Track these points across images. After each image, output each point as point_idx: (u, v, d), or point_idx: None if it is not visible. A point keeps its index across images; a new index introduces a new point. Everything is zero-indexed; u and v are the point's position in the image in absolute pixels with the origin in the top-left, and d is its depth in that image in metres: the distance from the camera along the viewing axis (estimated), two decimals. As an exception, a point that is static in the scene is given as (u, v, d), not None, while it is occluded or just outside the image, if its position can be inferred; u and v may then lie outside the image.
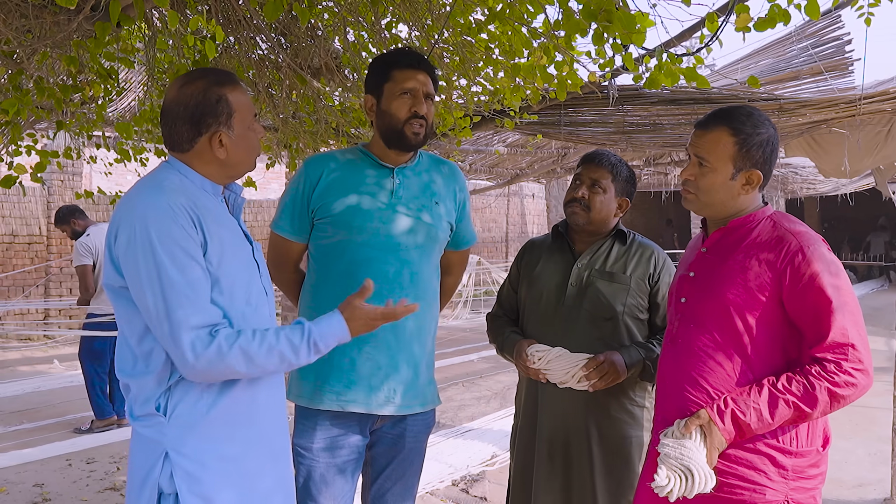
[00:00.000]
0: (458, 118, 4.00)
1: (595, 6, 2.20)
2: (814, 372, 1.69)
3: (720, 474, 1.77)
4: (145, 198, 1.63)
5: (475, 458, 4.87)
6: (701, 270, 1.90)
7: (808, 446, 1.79)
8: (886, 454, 3.95)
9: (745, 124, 1.82)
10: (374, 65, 2.24)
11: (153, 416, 1.63)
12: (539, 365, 2.32)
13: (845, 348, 1.68)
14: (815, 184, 13.40)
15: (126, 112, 6.05)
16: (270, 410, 1.78)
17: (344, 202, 2.15)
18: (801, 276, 1.72)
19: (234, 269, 1.69)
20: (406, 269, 2.16)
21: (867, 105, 3.65)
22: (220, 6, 3.10)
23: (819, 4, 2.05)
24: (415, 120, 2.14)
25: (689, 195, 1.90)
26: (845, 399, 1.69)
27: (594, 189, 2.39)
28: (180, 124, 1.70)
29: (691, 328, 1.87)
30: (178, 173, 1.71)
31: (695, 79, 2.51)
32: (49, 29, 2.67)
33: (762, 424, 1.70)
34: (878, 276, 19.05)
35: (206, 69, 1.79)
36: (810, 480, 1.80)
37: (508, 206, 18.93)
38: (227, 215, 1.77)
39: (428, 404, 2.28)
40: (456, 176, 2.37)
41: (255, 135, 1.77)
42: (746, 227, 1.85)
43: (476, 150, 7.72)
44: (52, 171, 10.15)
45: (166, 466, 1.60)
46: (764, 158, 1.84)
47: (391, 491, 2.25)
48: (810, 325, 1.73)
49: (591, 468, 2.35)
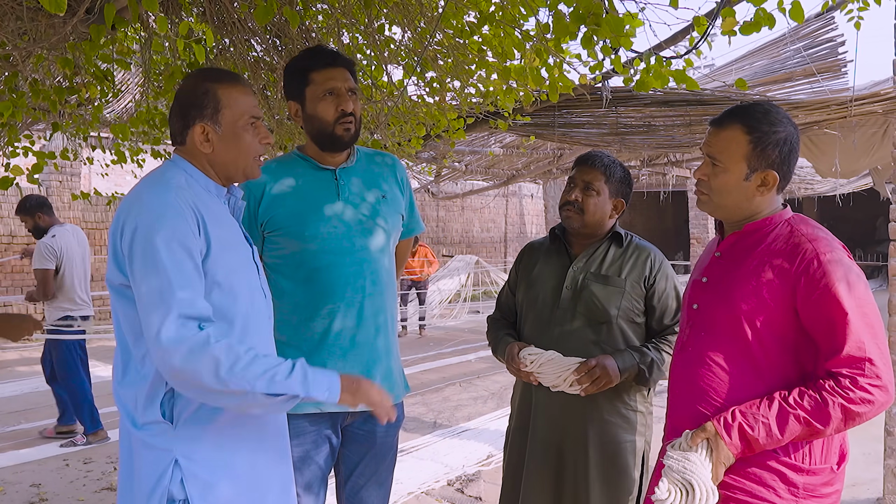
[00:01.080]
0: (452, 119, 4.02)
1: (584, 10, 2.22)
2: (827, 387, 1.58)
3: (728, 489, 1.69)
4: (152, 193, 1.63)
5: (471, 458, 4.90)
6: (714, 276, 1.81)
7: (822, 464, 1.68)
8: (880, 454, 3.96)
9: (762, 122, 1.72)
10: (291, 70, 2.19)
11: (159, 424, 1.61)
12: (531, 368, 2.31)
13: (862, 363, 1.57)
14: (812, 184, 13.43)
15: (122, 113, 6.08)
16: (273, 415, 1.79)
17: (292, 212, 2.12)
18: (816, 284, 1.61)
19: (235, 270, 1.70)
20: (366, 268, 2.16)
21: (858, 107, 3.67)
22: (215, 9, 3.12)
23: (804, 8, 2.07)
24: (344, 118, 2.12)
25: (703, 196, 1.81)
26: (861, 416, 1.58)
27: (587, 192, 2.38)
28: (173, 116, 1.74)
29: (702, 336, 1.78)
30: (184, 172, 1.71)
31: (684, 81, 2.53)
32: (44, 31, 2.69)
33: (771, 440, 1.61)
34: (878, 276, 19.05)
35: (211, 68, 1.78)
36: (822, 499, 1.68)
37: (507, 207, 18.96)
38: (228, 216, 1.77)
39: (399, 397, 2.29)
40: (396, 165, 2.35)
41: (253, 138, 1.75)
42: (762, 231, 1.75)
43: (472, 151, 7.74)
44: (49, 173, 10.17)
45: (176, 473, 1.59)
46: (781, 158, 1.72)
47: (365, 487, 2.24)
48: (825, 336, 1.62)
49: (585, 472, 2.34)
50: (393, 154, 2.50)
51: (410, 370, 8.17)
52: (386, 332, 2.24)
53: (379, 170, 2.29)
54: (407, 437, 5.44)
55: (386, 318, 2.23)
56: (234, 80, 1.75)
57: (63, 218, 10.44)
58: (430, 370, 8.13)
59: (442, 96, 3.91)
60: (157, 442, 1.61)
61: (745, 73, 5.44)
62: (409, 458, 4.89)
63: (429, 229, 16.59)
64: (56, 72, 3.41)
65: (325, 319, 2.12)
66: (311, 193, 2.16)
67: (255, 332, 1.74)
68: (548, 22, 2.50)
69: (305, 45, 3.50)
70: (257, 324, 1.74)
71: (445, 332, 11.35)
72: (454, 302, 13.12)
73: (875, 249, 18.80)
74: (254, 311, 1.73)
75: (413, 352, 9.07)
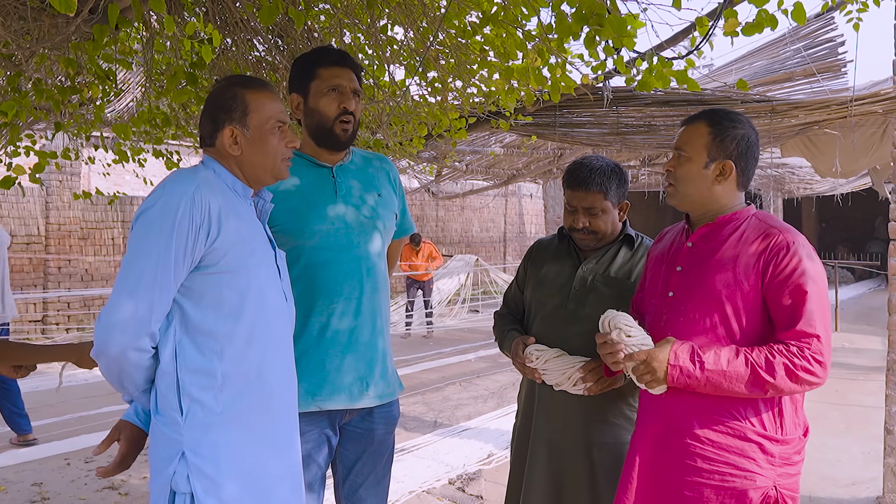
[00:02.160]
0: (454, 119, 4.03)
1: (587, 10, 2.22)
2: (776, 347, 1.78)
3: (710, 462, 1.83)
4: (175, 184, 1.69)
5: (472, 457, 4.91)
6: (688, 265, 1.96)
7: (793, 434, 1.86)
8: (880, 453, 3.98)
9: (723, 119, 1.93)
10: (299, 64, 2.22)
11: (171, 414, 1.66)
12: (536, 364, 2.29)
13: (811, 338, 1.76)
14: (811, 184, 13.45)
15: (124, 113, 6.08)
16: (284, 409, 1.82)
17: (291, 209, 2.14)
18: (784, 268, 1.80)
19: (248, 266, 1.73)
20: (362, 265, 2.18)
21: (858, 107, 3.68)
22: (218, 9, 3.13)
23: (805, 9, 2.08)
24: (344, 116, 2.15)
25: (670, 187, 1.99)
26: (799, 381, 1.75)
27: (593, 215, 2.34)
28: (204, 119, 1.83)
29: (679, 321, 1.92)
30: (213, 172, 1.79)
31: (685, 81, 2.53)
32: (47, 31, 2.70)
33: (716, 368, 1.77)
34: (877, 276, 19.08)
35: (241, 75, 1.87)
36: (794, 466, 1.87)
37: (506, 207, 18.96)
38: (253, 218, 1.83)
39: (395, 394, 2.30)
40: (390, 167, 2.38)
41: (280, 141, 1.82)
42: (734, 223, 1.92)
43: (473, 151, 7.75)
44: (50, 172, 10.17)
45: (181, 467, 1.63)
46: (738, 152, 1.91)
47: (364, 485, 2.25)
48: (785, 313, 1.80)
49: (588, 474, 2.32)
50: (395, 153, 2.51)
51: (411, 370, 8.18)
52: (383, 333, 2.27)
53: (374, 170, 2.32)
54: (408, 436, 5.45)
55: (382, 318, 2.26)
56: (262, 87, 1.84)
57: (63, 218, 10.47)
58: (431, 370, 8.15)
59: (444, 96, 3.92)
60: (169, 431, 1.66)
61: (745, 73, 5.45)
62: (410, 458, 4.91)
63: (428, 229, 16.59)
64: (59, 71, 3.42)
65: (324, 316, 2.13)
66: (310, 191, 2.17)
67: (267, 332, 1.77)
68: (550, 22, 2.51)
69: (308, 45, 3.50)
70: (272, 324, 1.78)
71: (445, 331, 11.37)
72: (454, 302, 13.14)
73: (873, 249, 18.84)
74: (268, 310, 1.77)
75: (413, 351, 9.09)
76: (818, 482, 4.48)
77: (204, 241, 1.66)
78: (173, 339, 1.67)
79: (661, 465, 1.93)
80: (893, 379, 3.82)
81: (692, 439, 1.87)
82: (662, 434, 1.93)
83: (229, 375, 1.69)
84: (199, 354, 1.67)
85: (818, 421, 5.96)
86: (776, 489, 1.83)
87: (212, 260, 1.68)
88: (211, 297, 1.69)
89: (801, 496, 4.27)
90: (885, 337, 3.96)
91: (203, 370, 1.67)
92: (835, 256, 18.14)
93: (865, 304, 14.59)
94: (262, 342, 1.76)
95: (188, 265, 1.66)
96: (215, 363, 1.68)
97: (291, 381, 1.87)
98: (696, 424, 1.86)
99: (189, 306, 1.68)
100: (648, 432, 1.98)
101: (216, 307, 1.69)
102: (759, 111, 3.97)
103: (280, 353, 1.83)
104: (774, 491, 1.82)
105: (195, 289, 1.68)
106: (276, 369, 1.80)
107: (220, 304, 1.69)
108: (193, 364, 1.67)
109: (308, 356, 2.12)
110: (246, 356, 1.72)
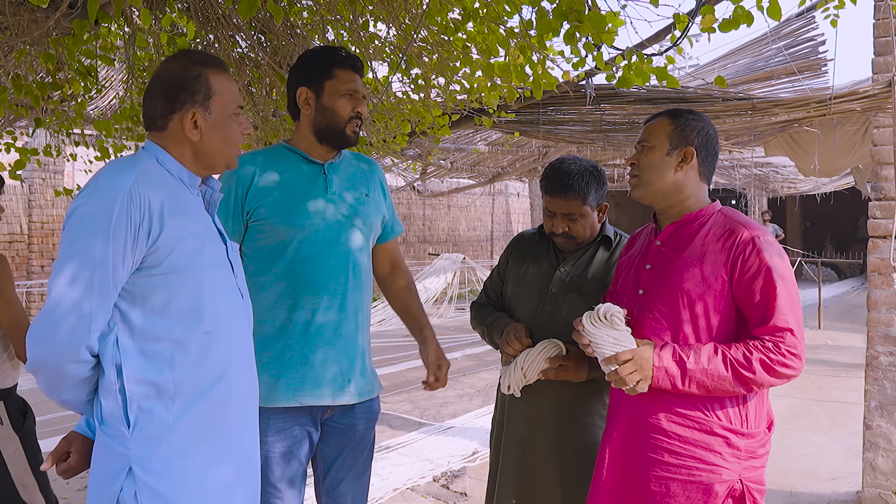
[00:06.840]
0: (437, 116, 4.03)
1: (566, 6, 2.24)
2: (752, 344, 1.80)
3: (677, 456, 1.86)
4: (110, 177, 1.54)
5: (456, 455, 4.92)
6: (658, 263, 1.98)
7: (757, 427, 1.89)
8: (860, 448, 4.02)
9: (684, 114, 2.00)
10: (313, 59, 2.23)
11: (116, 426, 1.54)
12: (519, 363, 2.23)
13: (784, 332, 1.79)
14: (795, 183, 13.57)
15: (106, 110, 6.05)
16: (242, 417, 1.71)
17: (280, 202, 2.15)
18: (752, 264, 1.83)
19: (196, 264, 1.60)
20: (348, 261, 2.21)
21: (838, 104, 3.72)
22: (199, 4, 3.12)
23: (782, 7, 2.10)
24: (355, 120, 2.23)
25: (633, 179, 2.02)
26: (776, 375, 1.79)
27: (572, 220, 2.34)
28: (156, 98, 1.65)
29: (649, 319, 1.94)
30: (156, 161, 1.63)
31: (665, 78, 2.55)
32: (26, 26, 2.68)
33: (696, 367, 1.79)
34: (860, 275, 19.25)
35: (197, 51, 1.71)
36: (759, 459, 1.90)
37: (493, 205, 18.99)
38: (201, 211, 1.69)
39: (375, 391, 2.31)
40: (377, 168, 2.44)
41: (238, 127, 1.71)
42: (699, 220, 1.95)
43: (458, 149, 7.76)
44: (32, 169, 10.08)
45: (129, 483, 1.51)
46: (700, 142, 1.96)
47: (345, 480, 2.26)
48: (756, 309, 1.82)
49: (560, 474, 2.31)
50: (379, 150, 2.53)
51: (397, 368, 8.18)
52: (365, 330, 2.29)
53: (362, 171, 2.35)
54: (393, 433, 5.45)
55: (364, 315, 2.28)
56: (222, 67, 1.71)
57: (46, 216, 10.39)
58: (417, 368, 8.14)
59: (427, 93, 3.93)
60: (115, 444, 1.54)
61: (727, 71, 5.49)
62: (395, 455, 4.91)
63: (415, 228, 16.59)
64: (39, 67, 3.39)
65: (308, 310, 2.14)
66: (300, 185, 2.19)
67: (222, 334, 1.65)
68: (531, 19, 2.52)
69: (290, 41, 3.50)
70: (227, 322, 1.66)
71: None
72: (441, 300, 13.15)
73: (857, 248, 19.00)
74: (221, 311, 1.65)
75: (399, 350, 9.08)
76: (799, 478, 4.52)
77: (145, 240, 1.52)
78: (116, 348, 1.53)
79: (628, 460, 1.94)
80: (872, 374, 3.86)
81: (659, 434, 1.88)
82: (630, 429, 1.95)
83: (182, 384, 1.56)
84: (147, 362, 1.54)
85: (800, 417, 6.02)
86: (741, 482, 1.85)
87: (155, 260, 1.54)
88: (156, 300, 1.55)
89: (783, 492, 4.32)
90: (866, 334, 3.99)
91: (151, 380, 1.54)
92: (819, 255, 18.29)
93: (849, 303, 14.73)
94: (218, 345, 1.62)
95: (129, 267, 1.52)
96: (166, 371, 1.55)
97: (252, 383, 1.77)
98: (663, 419, 1.88)
99: (132, 312, 1.54)
100: (617, 428, 1.99)
101: (163, 311, 1.55)
102: (740, 108, 4.01)
103: (238, 355, 1.70)
104: (740, 484, 1.85)
105: (138, 293, 1.54)
106: (234, 372, 1.67)
107: (166, 307, 1.55)
108: (141, 373, 1.53)
109: (291, 350, 2.13)
110: (201, 362, 1.59)
